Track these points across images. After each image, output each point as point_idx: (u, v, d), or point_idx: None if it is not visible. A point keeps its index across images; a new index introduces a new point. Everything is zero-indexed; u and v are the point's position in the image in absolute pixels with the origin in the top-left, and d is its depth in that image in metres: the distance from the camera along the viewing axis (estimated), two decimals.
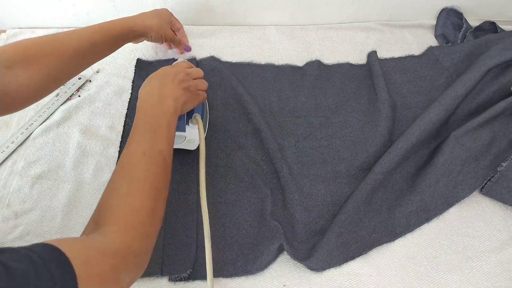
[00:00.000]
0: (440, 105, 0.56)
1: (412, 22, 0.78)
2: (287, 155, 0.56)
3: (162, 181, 0.39)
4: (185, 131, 0.50)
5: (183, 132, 0.50)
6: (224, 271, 0.46)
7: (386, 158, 0.53)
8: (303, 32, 0.75)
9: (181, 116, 0.48)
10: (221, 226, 0.49)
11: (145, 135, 0.40)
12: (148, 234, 0.36)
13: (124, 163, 0.38)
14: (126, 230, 0.34)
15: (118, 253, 0.31)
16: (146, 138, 0.40)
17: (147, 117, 0.42)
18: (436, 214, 0.51)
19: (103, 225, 0.33)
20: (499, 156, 0.54)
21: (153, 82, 0.46)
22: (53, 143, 0.56)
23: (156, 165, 0.39)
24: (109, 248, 0.31)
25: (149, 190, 0.37)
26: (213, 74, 0.65)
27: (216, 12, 0.74)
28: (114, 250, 0.31)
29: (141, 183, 0.37)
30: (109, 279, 0.29)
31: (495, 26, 0.73)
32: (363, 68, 0.69)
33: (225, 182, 0.53)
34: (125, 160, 0.39)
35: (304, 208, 0.51)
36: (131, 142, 0.40)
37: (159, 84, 0.45)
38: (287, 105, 0.63)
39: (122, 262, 0.31)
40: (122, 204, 0.35)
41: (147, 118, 0.42)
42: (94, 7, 0.72)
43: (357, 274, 0.46)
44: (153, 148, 0.39)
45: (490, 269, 0.47)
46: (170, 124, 0.43)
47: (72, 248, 0.27)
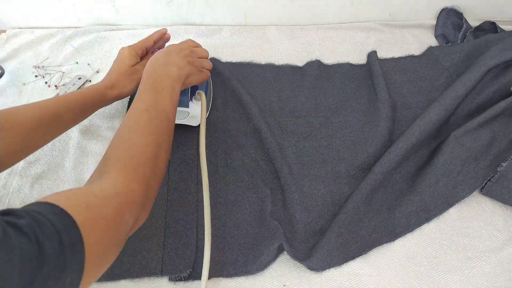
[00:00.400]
0: (440, 105, 0.56)
1: (412, 22, 0.78)
2: (287, 155, 0.56)
3: (163, 137, 0.40)
4: (188, 107, 0.51)
5: (186, 108, 0.51)
6: (224, 271, 0.46)
7: (386, 158, 0.53)
8: (303, 32, 0.75)
9: (185, 92, 0.50)
10: (221, 226, 0.49)
11: (149, 94, 0.41)
12: (148, 178, 0.36)
13: (127, 119, 0.40)
14: (126, 173, 0.34)
15: (120, 195, 0.32)
16: (150, 97, 0.41)
17: (151, 79, 0.43)
18: (436, 214, 0.51)
19: (105, 173, 0.34)
20: (499, 156, 0.54)
21: (158, 54, 0.47)
22: (53, 143, 0.56)
23: (159, 120, 0.40)
24: (109, 192, 0.32)
25: (150, 139, 0.38)
26: (213, 75, 0.65)
27: (216, 12, 0.74)
28: (115, 193, 0.32)
29: (143, 133, 0.38)
30: (114, 221, 0.30)
31: (495, 26, 0.73)
32: (363, 68, 0.69)
33: (225, 182, 0.53)
34: (129, 116, 0.40)
35: (304, 208, 0.51)
36: (136, 102, 0.41)
37: (165, 54, 0.47)
38: (287, 105, 0.63)
39: (124, 204, 0.32)
40: (122, 152, 0.37)
41: (151, 81, 0.43)
42: (94, 7, 0.72)
43: (357, 274, 0.46)
44: (156, 106, 0.41)
45: (490, 269, 0.47)
46: (174, 87, 0.44)
47: (70, 199, 0.28)
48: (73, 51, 0.69)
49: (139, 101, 0.41)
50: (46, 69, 0.66)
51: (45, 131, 0.46)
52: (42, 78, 0.65)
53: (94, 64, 0.67)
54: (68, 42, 0.71)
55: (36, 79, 0.65)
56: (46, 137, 0.48)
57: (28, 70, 0.66)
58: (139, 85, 0.43)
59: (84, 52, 0.70)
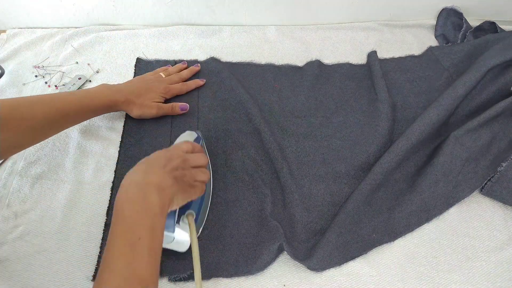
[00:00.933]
0: (440, 105, 0.56)
1: (412, 22, 0.78)
2: (287, 155, 0.56)
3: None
4: (174, 231, 0.41)
5: (171, 233, 0.41)
6: (225, 271, 0.46)
7: (386, 158, 0.53)
8: (303, 32, 0.75)
9: (172, 212, 0.40)
10: (221, 226, 0.49)
11: (120, 257, 0.31)
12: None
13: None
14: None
15: None
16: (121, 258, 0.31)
17: (124, 222, 0.33)
18: (436, 214, 0.51)
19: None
20: (499, 156, 0.54)
21: (139, 168, 0.38)
22: (53, 143, 0.56)
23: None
24: None
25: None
26: (213, 75, 0.65)
27: (216, 12, 0.74)
28: None
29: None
30: None
31: (495, 26, 0.73)
32: (363, 68, 0.69)
33: (225, 182, 0.53)
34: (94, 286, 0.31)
35: (304, 208, 0.51)
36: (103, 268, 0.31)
37: (144, 171, 0.37)
38: (287, 105, 0.63)
39: None
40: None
41: (123, 224, 0.33)
42: (94, 7, 0.72)
43: (357, 274, 0.46)
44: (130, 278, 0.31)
45: (490, 269, 0.47)
46: (155, 229, 0.34)
47: None
48: (73, 51, 0.69)
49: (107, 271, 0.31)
50: (46, 69, 0.66)
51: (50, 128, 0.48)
52: (42, 78, 0.65)
53: (94, 64, 0.67)
54: (68, 42, 0.71)
55: (36, 79, 0.65)
56: (50, 133, 0.49)
57: (28, 70, 0.66)
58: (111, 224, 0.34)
59: (84, 52, 0.70)
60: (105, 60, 0.68)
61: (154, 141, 0.56)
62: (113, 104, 0.54)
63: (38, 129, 0.46)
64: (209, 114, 0.60)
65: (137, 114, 0.57)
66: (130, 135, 0.57)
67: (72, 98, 0.49)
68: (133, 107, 0.56)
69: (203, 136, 0.55)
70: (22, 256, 0.45)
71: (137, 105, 0.56)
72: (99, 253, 0.46)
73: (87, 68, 0.66)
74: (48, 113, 0.46)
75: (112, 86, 0.55)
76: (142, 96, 0.56)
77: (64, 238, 0.47)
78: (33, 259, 0.45)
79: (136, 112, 0.56)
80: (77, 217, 0.49)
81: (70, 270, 0.45)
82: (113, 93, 0.54)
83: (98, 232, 0.48)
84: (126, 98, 0.55)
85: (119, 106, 0.55)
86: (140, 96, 0.56)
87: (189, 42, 0.71)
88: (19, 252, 0.46)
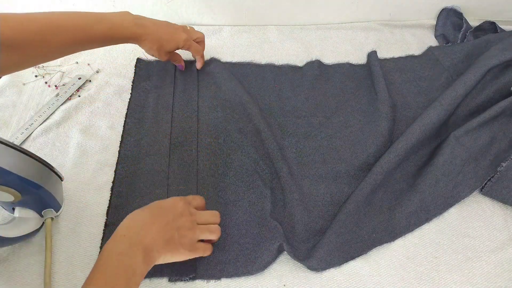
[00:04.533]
0: (440, 105, 0.56)
1: (412, 22, 0.78)
2: (287, 155, 0.56)
3: None
4: None
5: None
6: (225, 271, 0.46)
7: (386, 158, 0.53)
8: (303, 32, 0.75)
9: None
10: (221, 226, 0.49)
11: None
12: None
13: None
14: None
15: None
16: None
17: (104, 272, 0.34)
18: (436, 214, 0.51)
19: None
20: (499, 156, 0.54)
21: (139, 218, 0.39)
22: (53, 143, 0.56)
23: None
24: None
25: None
26: (213, 75, 0.65)
27: (216, 12, 0.74)
28: None
29: None
30: None
31: (495, 26, 0.73)
32: (363, 68, 0.69)
33: (225, 182, 0.53)
34: None
35: (304, 208, 0.51)
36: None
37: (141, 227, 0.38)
38: (287, 105, 0.63)
39: None
40: None
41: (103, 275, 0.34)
42: (94, 7, 0.72)
43: (357, 274, 0.46)
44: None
45: (490, 269, 0.47)
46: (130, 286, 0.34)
47: None
48: None
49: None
50: (46, 69, 0.66)
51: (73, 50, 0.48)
52: (42, 78, 0.65)
53: (94, 64, 0.67)
54: None
55: (36, 79, 0.65)
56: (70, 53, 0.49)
57: (28, 70, 0.66)
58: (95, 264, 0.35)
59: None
60: (105, 60, 0.68)
61: (154, 141, 0.56)
62: (133, 38, 0.54)
63: (49, 55, 0.46)
64: (209, 114, 0.60)
65: (150, 53, 0.58)
66: (130, 135, 0.57)
67: (96, 31, 0.48)
68: (150, 48, 0.56)
69: None
70: (22, 256, 0.45)
71: (155, 49, 0.56)
72: (99, 253, 0.46)
73: (87, 68, 0.66)
74: (65, 43, 0.45)
75: (137, 19, 0.54)
76: (164, 42, 0.57)
77: (64, 238, 0.47)
78: (33, 259, 0.45)
79: (150, 52, 0.57)
80: (77, 217, 0.49)
81: (70, 270, 0.45)
82: (138, 28, 0.53)
83: (98, 232, 0.48)
84: (148, 38, 0.55)
85: (138, 42, 0.55)
86: (161, 41, 0.56)
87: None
88: (19, 252, 0.46)
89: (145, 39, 0.54)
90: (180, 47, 0.59)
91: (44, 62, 0.49)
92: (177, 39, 0.58)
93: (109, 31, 0.50)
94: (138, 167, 0.54)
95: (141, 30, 0.53)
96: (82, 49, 0.51)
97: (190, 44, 0.60)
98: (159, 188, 0.52)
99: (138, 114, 0.60)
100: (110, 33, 0.50)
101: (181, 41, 0.58)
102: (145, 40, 0.54)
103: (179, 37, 0.58)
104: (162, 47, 0.57)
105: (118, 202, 0.50)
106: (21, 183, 0.39)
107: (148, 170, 0.53)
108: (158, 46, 0.56)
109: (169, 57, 0.60)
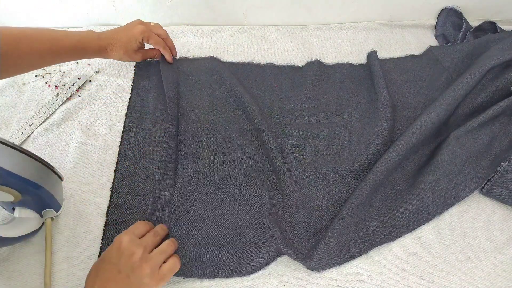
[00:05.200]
0: (440, 105, 0.56)
1: (412, 22, 0.78)
2: (287, 155, 0.56)
3: None
4: None
5: None
6: (219, 271, 0.45)
7: (386, 158, 0.53)
8: (303, 32, 0.75)
9: None
10: (217, 226, 0.49)
11: None
12: None
13: None
14: None
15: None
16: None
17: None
18: (436, 214, 0.51)
19: None
20: (499, 156, 0.54)
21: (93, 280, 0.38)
22: (53, 143, 0.56)
23: None
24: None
25: None
26: (213, 74, 0.65)
27: (216, 12, 0.74)
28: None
29: None
30: None
31: (495, 26, 0.73)
32: (363, 68, 0.69)
33: (223, 181, 0.53)
34: None
35: (304, 208, 0.51)
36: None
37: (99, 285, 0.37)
38: (287, 105, 0.63)
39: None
40: None
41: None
42: (94, 7, 0.72)
43: (357, 274, 0.46)
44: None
45: (490, 269, 0.47)
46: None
47: None
48: None
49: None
50: (46, 69, 0.66)
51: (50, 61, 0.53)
52: (42, 78, 0.65)
53: (94, 64, 0.67)
54: None
55: (36, 79, 0.65)
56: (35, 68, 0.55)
57: None
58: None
59: None
60: (105, 60, 0.68)
61: (154, 141, 0.56)
62: (100, 51, 0.57)
63: (23, 66, 0.50)
64: (209, 114, 0.60)
65: (122, 60, 0.62)
66: (130, 135, 0.57)
67: (67, 43, 0.53)
68: (118, 54, 0.59)
69: None
70: (22, 256, 0.45)
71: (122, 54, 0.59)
72: (99, 253, 0.46)
73: (87, 68, 0.66)
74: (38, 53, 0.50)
75: (100, 34, 0.57)
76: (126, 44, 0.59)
77: (64, 238, 0.47)
78: (33, 259, 0.45)
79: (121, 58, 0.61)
80: (77, 217, 0.49)
81: (70, 270, 0.45)
82: (101, 41, 0.57)
83: (98, 232, 0.48)
84: (112, 47, 0.58)
85: (106, 53, 0.58)
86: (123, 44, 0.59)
87: (189, 42, 0.71)
88: (19, 252, 0.46)
89: (110, 50, 0.58)
90: (140, 41, 0.60)
91: (18, 74, 0.53)
92: (134, 34, 0.59)
93: (78, 43, 0.54)
94: (138, 167, 0.54)
95: (104, 42, 0.57)
96: (54, 62, 0.55)
97: (148, 35, 0.60)
98: (159, 188, 0.52)
99: (138, 114, 0.60)
100: (79, 45, 0.54)
101: (138, 34, 0.59)
102: (110, 50, 0.58)
103: (136, 31, 0.59)
104: (126, 49, 0.59)
105: (118, 202, 0.50)
106: (21, 183, 0.39)
107: (148, 170, 0.53)
108: (124, 50, 0.59)
109: (142, 55, 0.63)
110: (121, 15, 0.74)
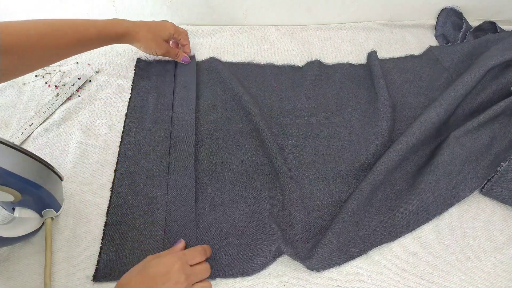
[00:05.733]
0: (440, 105, 0.56)
1: (412, 22, 0.78)
2: (287, 155, 0.56)
3: None
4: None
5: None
6: (221, 272, 0.45)
7: (386, 158, 0.53)
8: (303, 32, 0.75)
9: None
10: (218, 226, 0.49)
11: None
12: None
13: None
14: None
15: None
16: None
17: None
18: (436, 214, 0.51)
19: None
20: (499, 156, 0.54)
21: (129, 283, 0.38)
22: (53, 143, 0.56)
23: None
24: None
25: None
26: (213, 75, 0.65)
27: (216, 12, 0.74)
28: None
29: None
30: None
31: (495, 26, 0.73)
32: (363, 68, 0.69)
33: (224, 182, 0.53)
34: None
35: (304, 208, 0.51)
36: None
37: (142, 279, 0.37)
38: (287, 105, 0.63)
39: None
40: None
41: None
42: (94, 7, 0.72)
43: (357, 274, 0.46)
44: None
45: (490, 269, 0.47)
46: None
47: None
48: None
49: None
50: (46, 69, 0.66)
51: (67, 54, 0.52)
52: (42, 78, 0.65)
53: (94, 64, 0.67)
54: None
55: (36, 79, 0.65)
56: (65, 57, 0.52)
57: None
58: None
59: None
60: (105, 60, 0.68)
61: (154, 141, 0.56)
62: (127, 34, 0.57)
63: (49, 58, 0.49)
64: (209, 114, 0.60)
65: (147, 46, 0.60)
66: (130, 135, 0.57)
67: (92, 31, 0.52)
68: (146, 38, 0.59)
69: None
70: (22, 256, 0.45)
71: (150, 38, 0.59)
72: (99, 253, 0.46)
73: (87, 68, 0.66)
74: (64, 45, 0.48)
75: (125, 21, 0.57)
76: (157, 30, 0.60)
77: (64, 238, 0.47)
78: (33, 259, 0.45)
79: (147, 44, 0.60)
80: (77, 217, 0.49)
81: (70, 270, 0.45)
82: (129, 24, 0.57)
83: (98, 232, 0.48)
84: (141, 30, 0.58)
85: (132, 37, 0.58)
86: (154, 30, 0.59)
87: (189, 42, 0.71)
88: (19, 252, 0.46)
89: (138, 31, 0.57)
90: (172, 33, 0.61)
91: (45, 66, 0.51)
92: (167, 26, 0.61)
93: (104, 29, 0.53)
94: (138, 167, 0.54)
95: (132, 26, 0.57)
96: (79, 51, 0.54)
97: (179, 31, 0.62)
98: (159, 188, 0.52)
99: (138, 114, 0.60)
100: (104, 31, 0.53)
101: (171, 26, 0.61)
102: (138, 32, 0.57)
103: (168, 24, 0.61)
104: (155, 35, 0.59)
105: (118, 202, 0.50)
106: (21, 183, 0.39)
107: (148, 170, 0.53)
108: (153, 34, 0.59)
109: (166, 49, 0.62)
110: (121, 15, 0.73)
